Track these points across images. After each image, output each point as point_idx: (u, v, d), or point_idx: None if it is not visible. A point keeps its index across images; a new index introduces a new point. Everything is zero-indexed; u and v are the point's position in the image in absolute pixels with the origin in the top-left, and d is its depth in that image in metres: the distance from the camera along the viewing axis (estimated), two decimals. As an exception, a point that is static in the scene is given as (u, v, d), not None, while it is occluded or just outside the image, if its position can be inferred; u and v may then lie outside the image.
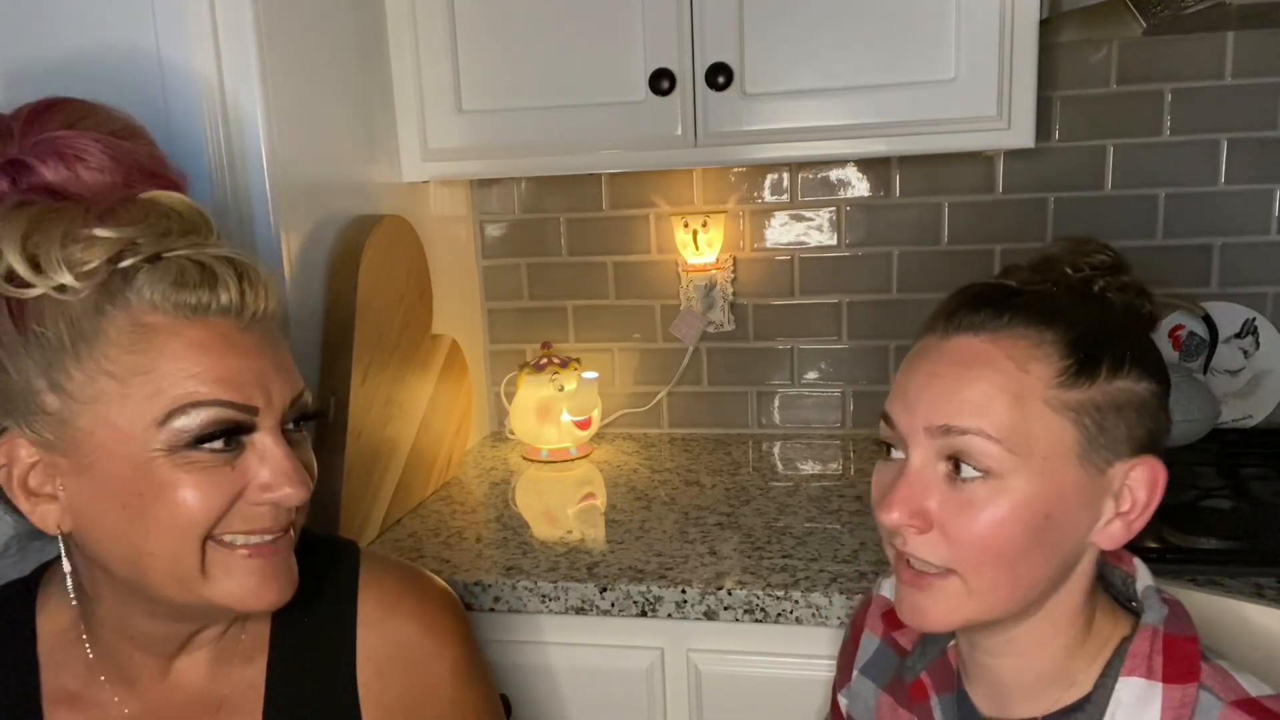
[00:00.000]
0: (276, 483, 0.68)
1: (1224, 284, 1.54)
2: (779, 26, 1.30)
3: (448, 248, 1.63)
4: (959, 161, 1.56)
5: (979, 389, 0.65)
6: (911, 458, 0.68)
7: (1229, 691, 0.64)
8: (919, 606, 0.68)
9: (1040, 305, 0.68)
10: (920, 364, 0.69)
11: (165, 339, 0.65)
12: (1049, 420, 0.65)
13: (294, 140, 1.14)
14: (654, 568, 1.15)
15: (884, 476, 0.71)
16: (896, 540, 0.68)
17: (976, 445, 0.65)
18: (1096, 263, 0.71)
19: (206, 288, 0.66)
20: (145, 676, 0.75)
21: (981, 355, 0.66)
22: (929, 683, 0.78)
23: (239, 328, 0.67)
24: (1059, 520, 0.66)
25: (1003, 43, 1.25)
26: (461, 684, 0.83)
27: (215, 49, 1.05)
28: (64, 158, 0.67)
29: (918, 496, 0.67)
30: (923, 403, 0.67)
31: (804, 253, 1.66)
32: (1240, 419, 1.55)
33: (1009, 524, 0.64)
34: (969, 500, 0.65)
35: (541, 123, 1.38)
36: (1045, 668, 0.70)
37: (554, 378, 1.59)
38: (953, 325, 0.69)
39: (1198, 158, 1.51)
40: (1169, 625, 0.67)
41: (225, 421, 0.66)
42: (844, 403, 1.70)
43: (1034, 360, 0.65)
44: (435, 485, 1.48)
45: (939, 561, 0.67)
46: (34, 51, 1.05)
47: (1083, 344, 0.66)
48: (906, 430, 0.68)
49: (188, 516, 0.65)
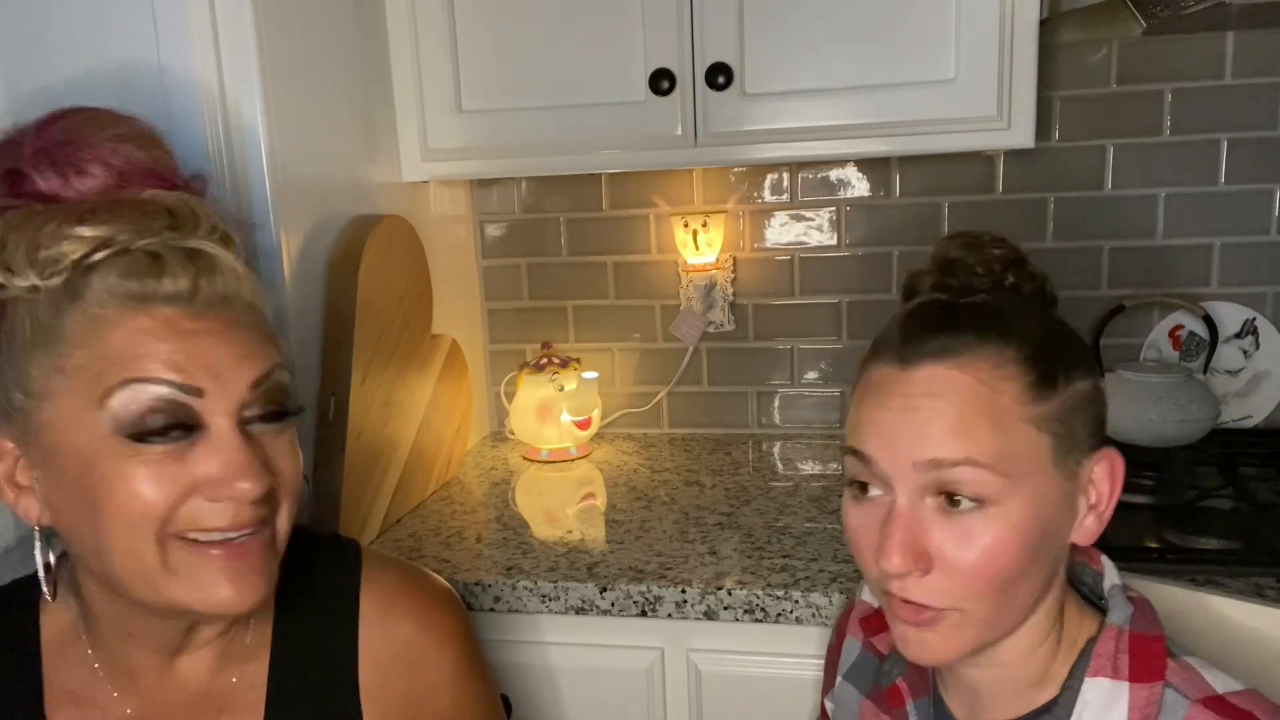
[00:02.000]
0: (225, 475, 0.65)
1: (1224, 284, 1.54)
2: (779, 26, 1.30)
3: (448, 248, 1.63)
4: (959, 161, 1.56)
5: (960, 418, 0.63)
6: (899, 497, 0.65)
7: (1196, 689, 0.64)
8: (926, 644, 0.66)
9: (989, 321, 0.67)
10: (888, 398, 0.66)
11: (110, 330, 0.65)
12: (1028, 436, 0.64)
13: (294, 140, 1.14)
14: (654, 568, 1.15)
15: (864, 518, 0.68)
16: (892, 585, 0.66)
17: (968, 475, 0.63)
18: (993, 257, 0.71)
19: (152, 276, 0.66)
20: (146, 675, 0.75)
21: (951, 382, 0.65)
22: (905, 688, 0.78)
23: (189, 315, 0.66)
24: (1050, 532, 0.65)
25: (1002, 43, 1.25)
26: (462, 682, 0.83)
27: (215, 49, 1.05)
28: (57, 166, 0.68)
29: (916, 539, 0.64)
30: (903, 438, 0.65)
31: (804, 253, 1.66)
32: (1240, 419, 1.55)
33: (1009, 548, 0.63)
34: (966, 532, 0.63)
35: (541, 123, 1.38)
36: (1022, 674, 0.70)
37: (554, 378, 1.59)
38: (911, 353, 0.66)
39: (1198, 158, 1.51)
40: (1135, 624, 0.67)
41: (166, 401, 0.64)
42: (844, 403, 1.69)
43: (1001, 380, 0.65)
44: (435, 485, 1.48)
45: (940, 603, 0.65)
46: (35, 53, 1.05)
47: (1039, 357, 0.65)
48: (889, 468, 0.65)
49: (137, 510, 0.65)
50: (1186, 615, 0.84)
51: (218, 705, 0.76)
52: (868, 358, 0.71)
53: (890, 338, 0.69)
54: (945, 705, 0.75)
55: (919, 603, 0.65)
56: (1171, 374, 1.39)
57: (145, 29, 1.03)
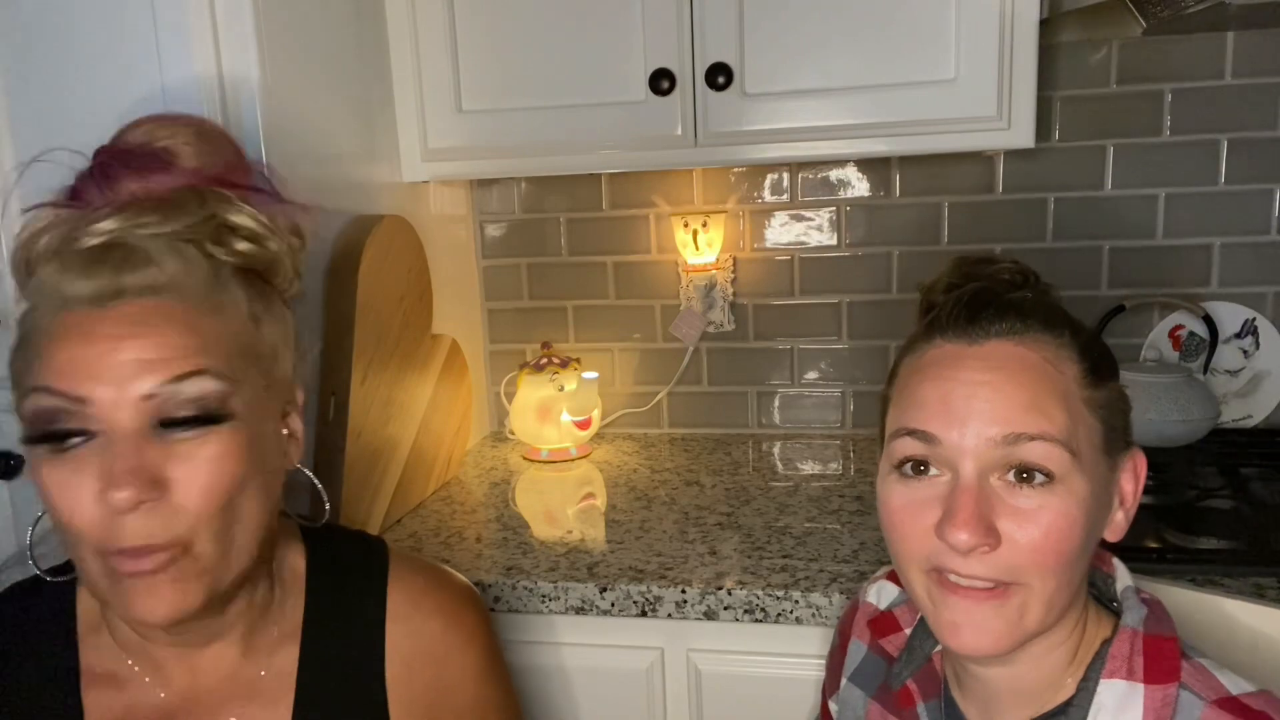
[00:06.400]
0: (101, 485, 0.63)
1: (1224, 284, 1.54)
2: (779, 26, 1.30)
3: (448, 248, 1.63)
4: (959, 161, 1.56)
5: (1033, 392, 0.64)
6: (965, 472, 0.64)
7: (1210, 690, 0.64)
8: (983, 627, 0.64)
9: (1050, 307, 0.69)
10: (956, 372, 0.66)
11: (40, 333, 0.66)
12: (1087, 419, 0.66)
13: (294, 140, 1.14)
14: (654, 568, 1.15)
15: (913, 496, 0.66)
16: (953, 563, 0.64)
17: (1042, 450, 0.63)
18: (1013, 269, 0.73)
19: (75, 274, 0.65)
20: (170, 664, 0.76)
21: (1022, 359, 0.65)
22: (915, 689, 0.78)
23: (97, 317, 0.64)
24: (1098, 520, 0.67)
25: (1003, 43, 1.25)
26: (484, 681, 0.85)
27: (215, 49, 1.05)
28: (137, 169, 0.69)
29: (985, 513, 0.63)
30: (974, 413, 0.64)
31: (804, 253, 1.66)
32: (1240, 419, 1.55)
33: (1074, 526, 0.64)
34: (1037, 507, 0.63)
35: (541, 123, 1.38)
36: (1044, 674, 0.69)
37: (554, 378, 1.59)
38: (979, 331, 0.67)
39: (1198, 158, 1.51)
40: (1148, 625, 0.67)
41: (49, 410, 0.64)
42: (844, 403, 1.70)
43: (1064, 361, 0.66)
44: (435, 485, 1.48)
45: (1005, 577, 0.63)
46: (35, 58, 1.05)
47: (1091, 345, 0.68)
48: (958, 444, 0.64)
49: (63, 524, 0.65)
50: (1194, 617, 0.84)
51: (246, 694, 0.77)
52: (915, 341, 0.71)
53: (951, 319, 0.68)
54: (957, 707, 0.75)
55: (984, 577, 0.64)
56: (1171, 374, 1.39)
57: (145, 29, 1.03)
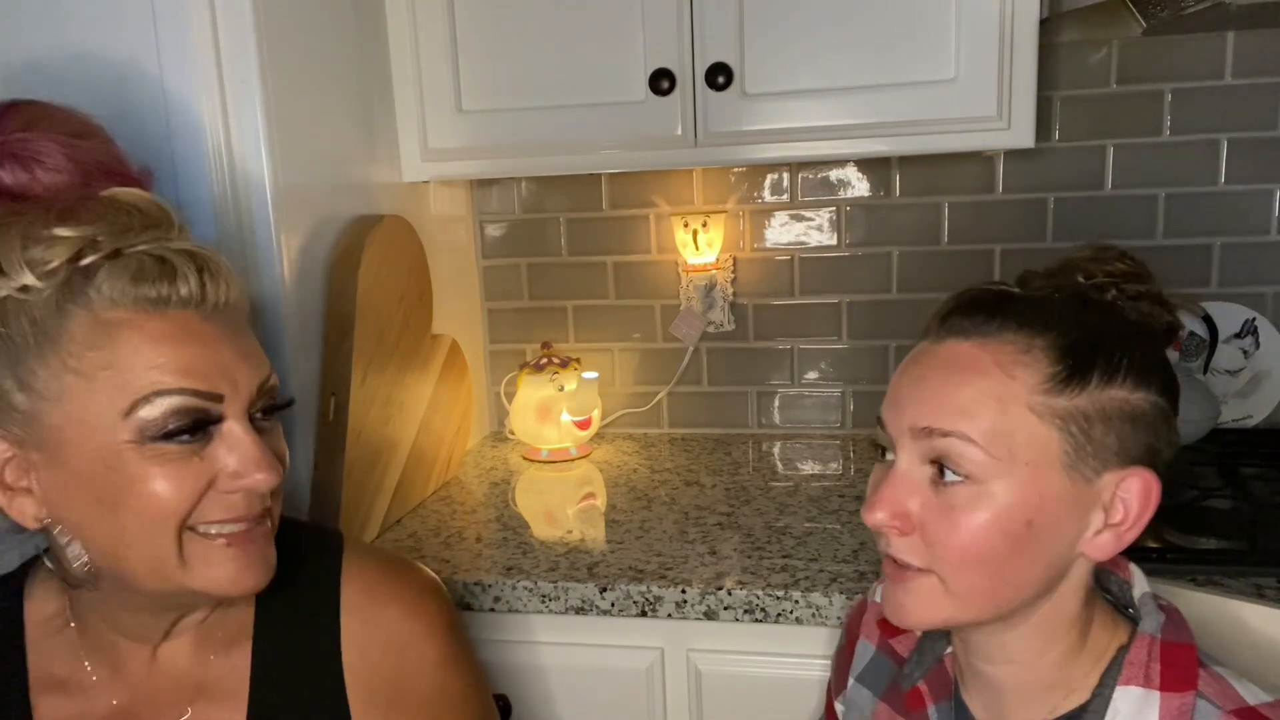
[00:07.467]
0: (245, 469, 0.69)
1: (1224, 284, 1.54)
2: (779, 26, 1.30)
3: (448, 248, 1.63)
4: (959, 161, 1.56)
5: (964, 393, 0.66)
6: (898, 460, 0.69)
7: (1227, 700, 0.64)
8: (899, 603, 0.69)
9: (1033, 311, 0.68)
10: (911, 368, 0.70)
11: (127, 333, 0.66)
12: (1033, 427, 0.64)
13: (294, 141, 1.14)
14: (654, 568, 1.15)
15: (874, 478, 0.72)
16: (880, 543, 0.70)
17: (958, 448, 0.65)
18: (1113, 270, 0.71)
19: (165, 281, 0.67)
20: (131, 663, 0.76)
21: (969, 360, 0.67)
22: (926, 691, 0.78)
23: (200, 318, 0.69)
24: (1042, 528, 0.65)
25: (1003, 43, 1.25)
26: (447, 670, 0.84)
27: (215, 50, 1.05)
28: (21, 160, 0.68)
29: (901, 498, 0.67)
30: (909, 404, 0.68)
31: (804, 253, 1.66)
32: (1240, 419, 1.55)
33: (989, 530, 0.65)
34: (950, 504, 0.66)
35: (541, 123, 1.38)
36: (1042, 676, 0.70)
37: (554, 378, 1.59)
38: (944, 329, 0.70)
39: (1198, 158, 1.51)
40: (1166, 632, 0.67)
41: (190, 410, 0.67)
42: (844, 403, 1.70)
43: (1020, 365, 0.65)
44: (435, 485, 1.48)
45: (919, 563, 0.68)
46: (35, 56, 1.05)
47: (1074, 351, 0.65)
48: (894, 432, 0.69)
49: (160, 508, 0.67)
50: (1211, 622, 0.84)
51: (201, 690, 0.77)
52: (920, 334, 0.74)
53: (935, 314, 0.72)
54: (967, 709, 0.75)
55: (899, 559, 0.68)
56: (1171, 374, 1.39)
57: (145, 31, 1.03)
